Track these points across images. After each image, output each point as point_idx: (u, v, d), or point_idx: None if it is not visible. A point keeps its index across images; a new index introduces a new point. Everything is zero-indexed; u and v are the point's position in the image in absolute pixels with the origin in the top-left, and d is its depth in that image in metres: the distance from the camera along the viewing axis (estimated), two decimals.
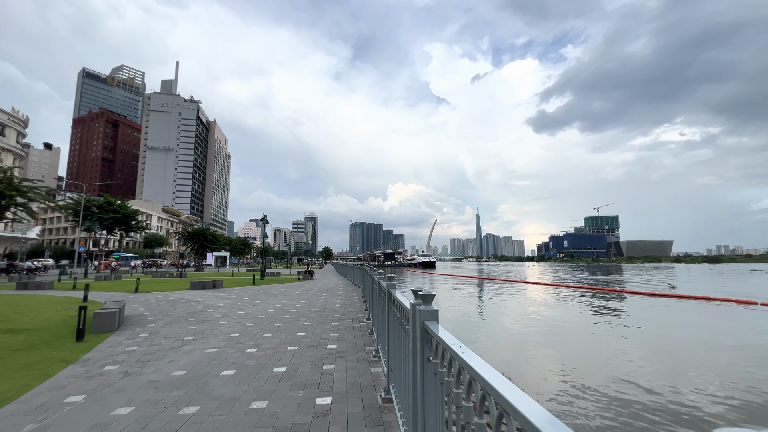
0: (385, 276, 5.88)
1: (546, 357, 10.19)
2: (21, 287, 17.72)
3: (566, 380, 8.04)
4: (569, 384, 7.77)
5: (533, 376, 8.52)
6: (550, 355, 10.45)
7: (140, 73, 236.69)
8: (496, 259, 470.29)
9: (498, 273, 65.07)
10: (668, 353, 10.63)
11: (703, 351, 10.86)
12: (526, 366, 9.44)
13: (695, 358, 10.16)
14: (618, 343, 11.62)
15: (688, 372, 8.72)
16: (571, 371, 8.71)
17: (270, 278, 28.04)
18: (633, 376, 8.27)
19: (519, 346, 11.54)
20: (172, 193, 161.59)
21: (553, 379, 8.24)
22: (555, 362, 9.66)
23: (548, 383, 7.95)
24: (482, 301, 23.37)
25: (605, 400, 6.91)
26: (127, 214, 43.33)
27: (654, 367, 9.09)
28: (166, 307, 11.22)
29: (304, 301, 13.03)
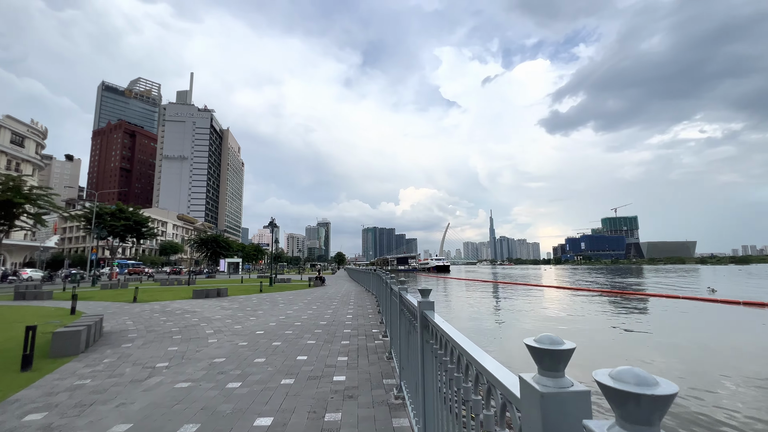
0: (405, 285, 4.40)
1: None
2: (19, 297, 16.88)
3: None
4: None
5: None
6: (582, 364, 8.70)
7: (156, 84, 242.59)
8: (511, 263, 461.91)
9: (514, 277, 62.57)
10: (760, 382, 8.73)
11: None
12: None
13: None
14: (668, 359, 9.76)
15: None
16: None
17: (279, 285, 26.80)
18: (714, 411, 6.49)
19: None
20: (187, 200, 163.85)
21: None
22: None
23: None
24: (501, 306, 21.51)
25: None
26: (138, 221, 43.02)
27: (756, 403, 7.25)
28: (155, 321, 9.94)
29: (311, 312, 11.60)
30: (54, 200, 31.44)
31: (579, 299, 24.41)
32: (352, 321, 9.71)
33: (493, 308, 21.43)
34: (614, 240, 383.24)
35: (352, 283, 29.88)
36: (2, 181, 27.43)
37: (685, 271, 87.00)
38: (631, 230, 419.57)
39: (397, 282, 5.82)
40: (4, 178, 27.91)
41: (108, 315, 11.22)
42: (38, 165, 70.93)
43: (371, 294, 17.66)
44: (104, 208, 42.44)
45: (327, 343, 7.03)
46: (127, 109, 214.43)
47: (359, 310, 12.05)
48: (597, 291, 30.00)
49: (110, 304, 14.51)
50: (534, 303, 23.36)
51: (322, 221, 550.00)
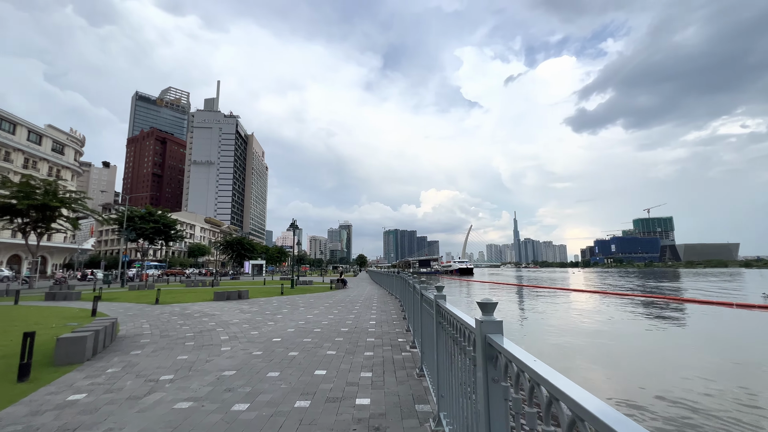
0: (442, 292, 3.60)
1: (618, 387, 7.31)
2: (49, 297, 17.22)
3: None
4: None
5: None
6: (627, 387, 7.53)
7: (185, 93, 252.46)
8: (537, 265, 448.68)
9: (542, 280, 59.97)
10: None
11: None
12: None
13: None
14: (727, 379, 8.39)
15: None
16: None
17: (301, 287, 26.47)
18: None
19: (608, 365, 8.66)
20: (214, 204, 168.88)
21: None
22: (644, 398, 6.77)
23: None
24: (535, 311, 20.14)
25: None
26: (166, 224, 44.14)
27: None
28: (171, 325, 9.56)
29: (332, 317, 10.94)
30: (87, 204, 32.50)
31: (614, 304, 22.62)
32: (375, 328, 8.96)
33: (527, 312, 20.12)
34: (647, 242, 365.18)
35: (374, 285, 29.20)
36: (40, 186, 28.56)
37: (729, 274, 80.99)
38: (665, 232, 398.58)
39: (429, 286, 5.02)
40: (41, 183, 29.07)
41: (127, 317, 11.00)
42: (77, 171, 74.71)
43: (394, 297, 16.89)
44: (135, 211, 43.82)
45: (348, 354, 6.30)
46: (159, 117, 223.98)
47: (383, 315, 11.30)
48: (639, 296, 27.91)
49: (133, 305, 14.44)
50: (568, 309, 21.83)
51: (344, 224, 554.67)
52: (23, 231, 28.86)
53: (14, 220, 28.33)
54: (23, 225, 28.56)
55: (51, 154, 66.62)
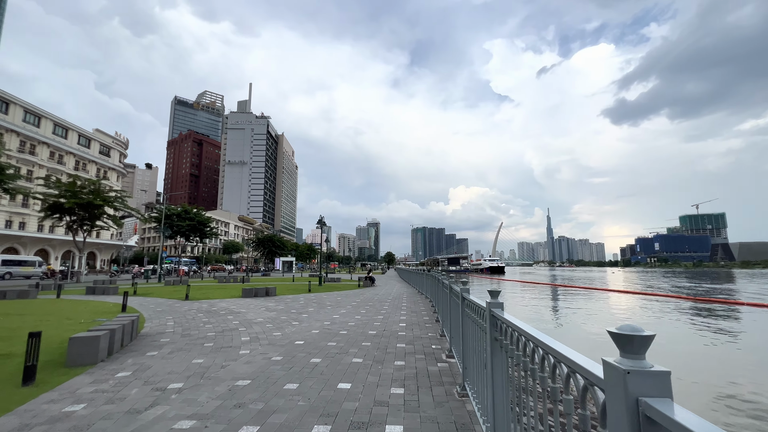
0: (497, 299, 2.77)
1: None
2: (90, 292, 17.85)
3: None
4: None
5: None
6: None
7: (220, 96, 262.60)
8: (572, 264, 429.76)
9: (577, 280, 56.65)
10: None
11: None
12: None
13: None
14: None
15: None
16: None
17: (329, 284, 26.20)
18: None
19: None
20: (247, 202, 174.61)
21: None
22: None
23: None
24: (571, 311, 18.54)
25: None
26: (201, 222, 45.64)
27: None
28: (195, 323, 9.28)
29: (359, 318, 10.30)
30: (128, 202, 33.99)
31: (663, 307, 20.48)
32: (406, 331, 8.20)
33: (563, 312, 18.59)
34: (696, 240, 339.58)
35: (403, 283, 28.44)
36: (85, 185, 30.13)
37: None
38: (717, 229, 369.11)
39: (463, 289, 4.18)
40: (87, 182, 30.66)
41: (155, 313, 10.92)
42: (121, 172, 79.30)
43: (425, 297, 16.06)
44: (171, 209, 45.59)
45: (377, 363, 5.58)
46: (196, 120, 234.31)
47: (413, 316, 10.51)
48: (691, 299, 25.33)
49: (164, 301, 14.55)
50: (608, 310, 20.00)
51: (372, 221, 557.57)
52: (71, 228, 30.58)
53: (63, 218, 30.07)
54: (71, 222, 30.26)
55: (99, 156, 71.01)
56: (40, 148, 59.48)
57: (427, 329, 8.48)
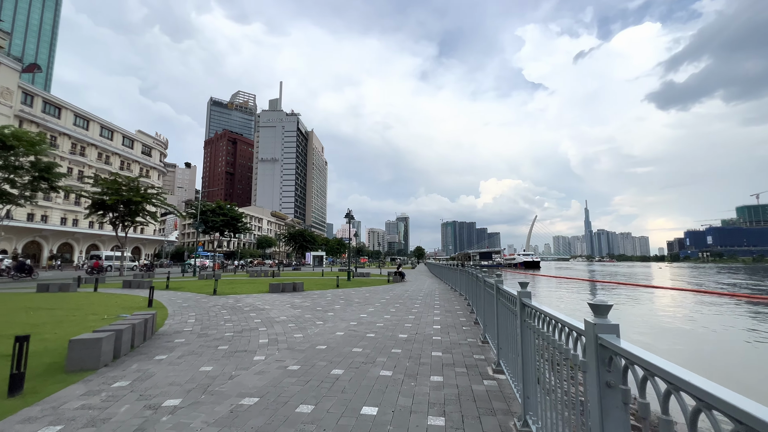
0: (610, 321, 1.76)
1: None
2: (126, 285, 18.28)
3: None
4: None
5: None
6: None
7: (252, 96, 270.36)
8: (613, 259, 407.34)
9: (620, 276, 52.68)
10: None
11: None
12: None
13: None
14: None
15: None
16: None
17: (358, 280, 25.62)
18: None
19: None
20: (279, 198, 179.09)
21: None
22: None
23: None
24: (624, 310, 16.65)
25: None
26: (233, 217, 46.73)
27: None
28: (216, 320, 8.81)
29: (388, 317, 9.44)
30: (164, 199, 35.13)
31: (724, 307, 17.98)
32: (441, 335, 7.23)
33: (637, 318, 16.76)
34: (756, 233, 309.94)
35: (434, 279, 27.35)
36: (126, 183, 31.41)
37: None
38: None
39: (522, 293, 3.14)
40: (126, 180, 31.95)
41: (179, 309, 10.64)
42: (162, 171, 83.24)
43: (458, 294, 14.96)
44: (206, 205, 46.94)
45: (409, 378, 4.66)
46: (230, 120, 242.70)
47: (448, 317, 9.50)
48: (754, 298, 22.36)
49: (192, 295, 14.45)
50: (661, 308, 17.85)
51: (401, 216, 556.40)
52: (114, 224, 32.04)
53: (107, 214, 31.53)
54: (114, 219, 31.70)
55: (141, 156, 74.83)
56: (89, 149, 63.36)
57: (466, 333, 7.45)
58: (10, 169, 22.39)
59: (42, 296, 13.60)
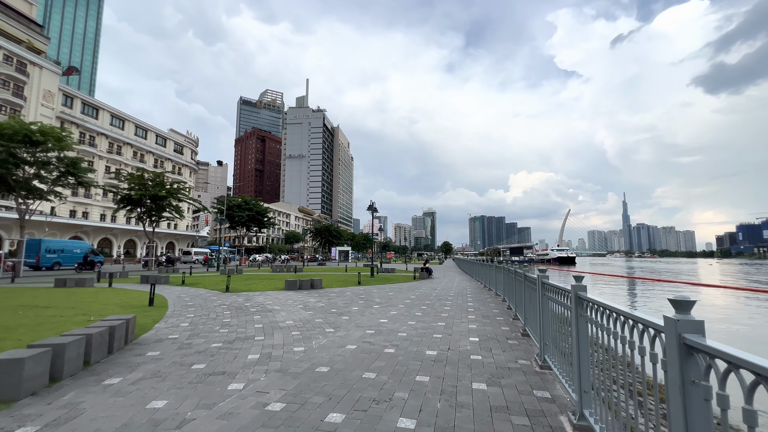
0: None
1: None
2: (143, 281, 17.79)
3: None
4: None
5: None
6: None
7: (280, 94, 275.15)
8: (655, 254, 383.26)
9: (664, 273, 47.92)
10: None
11: None
12: None
13: None
14: None
15: None
16: None
17: (382, 276, 24.16)
18: None
19: None
20: (306, 194, 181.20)
21: None
22: None
23: None
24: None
25: None
26: (258, 212, 46.68)
27: None
28: (213, 325, 7.55)
29: (413, 323, 7.82)
30: (188, 194, 35.14)
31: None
32: (481, 353, 5.52)
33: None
34: None
35: (464, 276, 25.40)
36: (151, 178, 31.62)
37: None
38: None
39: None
40: (152, 175, 32.17)
41: (181, 309, 9.57)
42: (193, 168, 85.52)
43: (492, 293, 13.08)
44: (232, 201, 47.14)
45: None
46: (259, 118, 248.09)
47: (486, 324, 7.75)
48: None
49: (204, 292, 13.50)
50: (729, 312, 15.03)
51: (428, 211, 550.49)
52: (141, 219, 32.43)
53: (134, 209, 31.94)
54: (142, 214, 32.06)
55: (173, 154, 77.00)
56: (125, 148, 65.76)
57: (514, 351, 5.70)
58: (38, 165, 22.68)
59: (50, 292, 13.10)
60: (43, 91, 52.94)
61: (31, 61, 51.42)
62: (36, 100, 51.70)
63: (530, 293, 6.03)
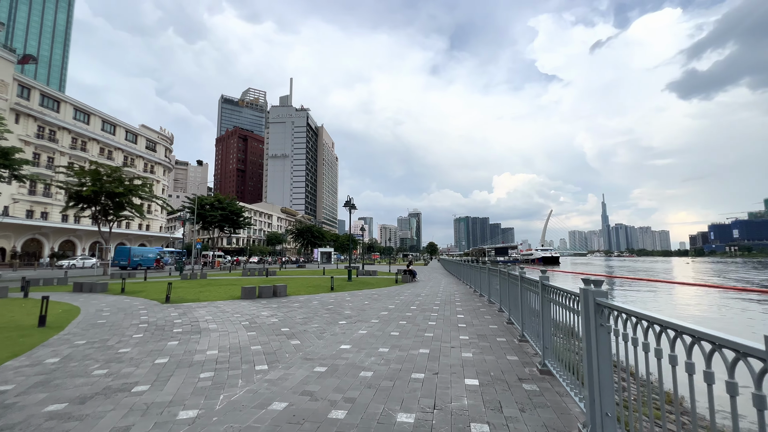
0: None
1: None
2: (77, 289, 15.06)
3: None
4: None
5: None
6: None
7: (263, 93, 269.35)
8: (633, 254, 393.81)
9: (643, 271, 47.52)
10: None
11: None
12: None
13: None
14: None
15: None
16: None
17: (361, 279, 21.93)
18: None
19: None
20: (289, 195, 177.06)
21: None
22: None
23: None
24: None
25: None
26: (233, 211, 43.69)
27: None
28: (95, 360, 5.23)
29: (385, 352, 5.67)
30: (149, 191, 31.89)
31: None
32: (486, 411, 3.43)
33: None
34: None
35: (451, 278, 23.47)
36: (107, 173, 28.39)
37: None
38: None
39: None
40: (110, 170, 28.90)
41: (81, 330, 7.14)
42: (167, 167, 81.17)
43: (485, 299, 11.09)
44: (205, 199, 44.04)
45: None
46: (241, 117, 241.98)
47: (486, 351, 5.65)
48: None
49: (138, 303, 10.98)
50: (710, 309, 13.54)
51: (413, 212, 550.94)
52: (96, 218, 29.16)
53: (86, 207, 28.57)
54: (97, 212, 28.79)
55: (145, 151, 72.67)
56: (90, 144, 61.35)
57: (536, 405, 3.62)
58: None
59: None
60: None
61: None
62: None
63: (561, 315, 3.96)
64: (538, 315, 4.78)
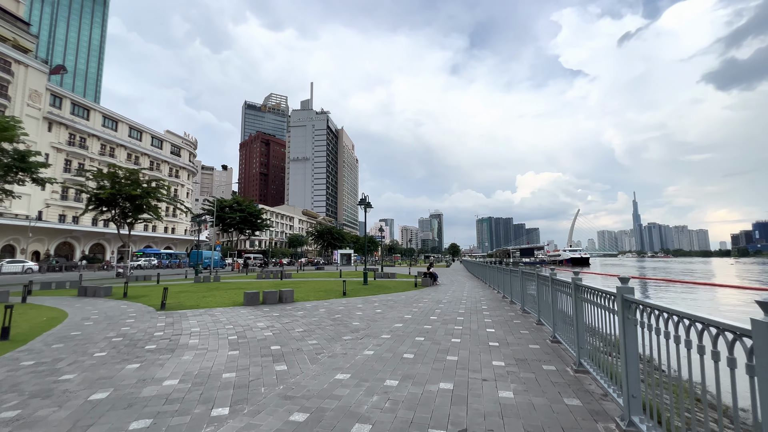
0: None
1: None
2: (81, 293, 14.49)
3: None
4: None
5: None
6: None
7: (284, 97, 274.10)
8: (668, 254, 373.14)
9: (684, 274, 43.40)
10: None
11: None
12: None
13: None
14: None
15: None
16: None
17: (378, 283, 20.56)
18: None
19: None
20: (311, 197, 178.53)
21: None
22: None
23: None
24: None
25: None
26: (252, 213, 43.50)
27: None
28: (13, 397, 4.11)
29: (390, 392, 4.25)
30: (164, 193, 31.83)
31: None
32: None
33: None
34: None
35: (475, 281, 21.71)
36: (124, 176, 28.44)
37: None
38: None
39: None
40: (126, 173, 28.95)
41: (43, 346, 6.13)
42: (191, 171, 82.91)
43: (516, 306, 9.43)
44: (224, 201, 44.07)
45: None
46: (263, 122, 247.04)
47: (534, 391, 4.13)
48: None
49: (134, 311, 10.07)
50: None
51: (435, 213, 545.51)
52: (115, 221, 29.27)
53: (105, 210, 28.68)
54: (115, 215, 28.88)
55: (170, 156, 74.44)
56: (118, 150, 63.29)
57: None
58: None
59: None
60: (29, 90, 50.58)
61: (15, 59, 49.11)
62: (21, 99, 49.34)
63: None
64: (612, 344, 3.24)
